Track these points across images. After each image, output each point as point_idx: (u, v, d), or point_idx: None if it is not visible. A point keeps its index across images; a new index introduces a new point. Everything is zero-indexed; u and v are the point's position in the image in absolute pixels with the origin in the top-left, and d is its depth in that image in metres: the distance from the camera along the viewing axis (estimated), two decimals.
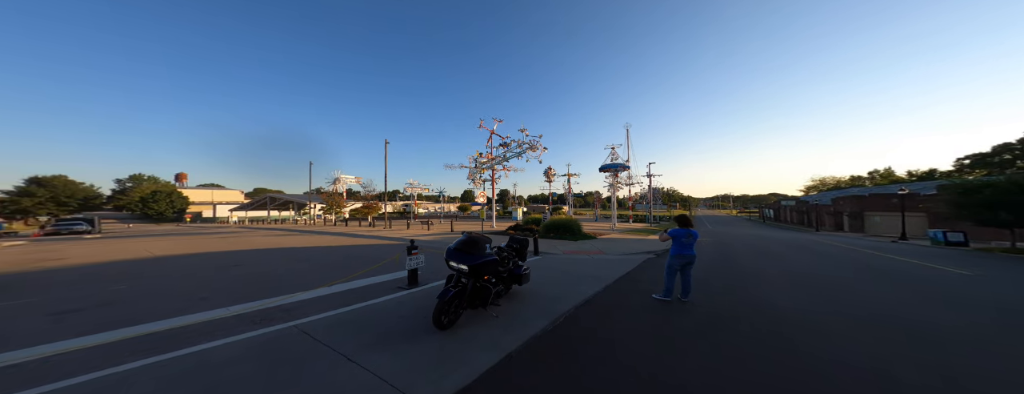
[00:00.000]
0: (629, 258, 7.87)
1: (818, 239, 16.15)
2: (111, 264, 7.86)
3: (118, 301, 4.47)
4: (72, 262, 8.26)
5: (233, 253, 9.49)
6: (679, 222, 4.30)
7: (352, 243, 11.96)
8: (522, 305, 3.95)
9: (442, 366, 2.46)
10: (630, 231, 16.90)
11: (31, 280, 6.06)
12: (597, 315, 3.73)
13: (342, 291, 4.81)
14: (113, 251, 10.53)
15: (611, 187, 21.29)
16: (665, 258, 7.82)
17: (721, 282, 5.46)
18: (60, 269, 7.25)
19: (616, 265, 6.84)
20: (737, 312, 3.87)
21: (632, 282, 5.36)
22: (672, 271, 4.21)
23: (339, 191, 29.84)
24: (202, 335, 3.16)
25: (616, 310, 3.92)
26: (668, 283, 4.22)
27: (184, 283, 5.53)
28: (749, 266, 7.15)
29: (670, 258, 4.22)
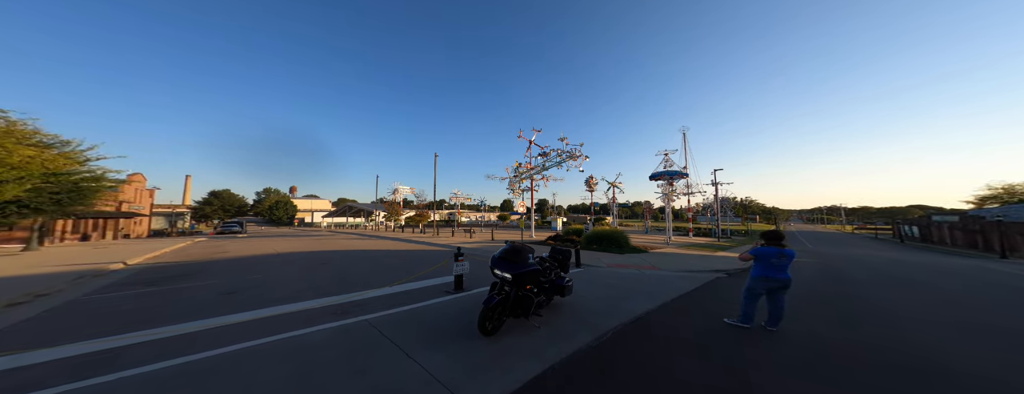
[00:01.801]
0: (690, 276, 7.16)
1: (1015, 271, 9.96)
2: (253, 257, 10.20)
3: (256, 287, 5.80)
4: (231, 255, 10.92)
5: (323, 253, 11.29)
6: (768, 238, 3.72)
7: (407, 248, 13.16)
8: (564, 317, 3.94)
9: (487, 371, 2.62)
10: (690, 246, 15.08)
11: (210, 267, 8.25)
12: (650, 335, 3.53)
13: (401, 291, 5.38)
14: (254, 247, 13.64)
15: (665, 197, 19.39)
16: (739, 279, 6.97)
17: (827, 313, 4.48)
18: (224, 260, 9.70)
19: (673, 283, 6.32)
20: (854, 352, 3.09)
21: (694, 302, 4.90)
22: (753, 295, 3.66)
23: (397, 200, 33.49)
24: (303, 322, 3.86)
25: (674, 331, 3.65)
26: (747, 307, 3.68)
27: (294, 276, 6.85)
28: (878, 297, 5.43)
29: (752, 280, 3.66)
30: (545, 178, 19.56)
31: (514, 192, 20.58)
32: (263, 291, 5.42)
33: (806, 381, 2.57)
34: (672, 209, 20.01)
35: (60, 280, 6.41)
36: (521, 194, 20.65)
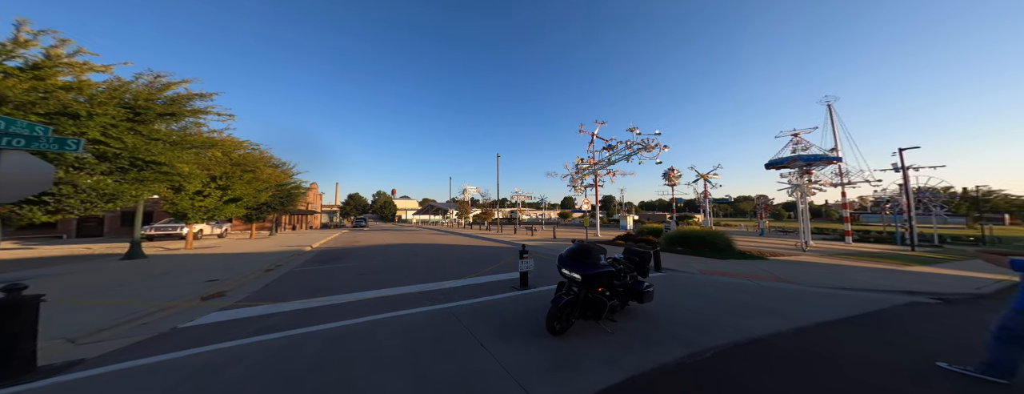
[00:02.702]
0: (854, 295, 5.22)
1: None
2: (374, 247, 13.06)
3: (377, 271, 7.25)
4: (362, 244, 14.26)
5: (415, 245, 13.45)
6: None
7: (476, 244, 14.34)
8: (645, 325, 3.50)
9: (559, 371, 2.52)
10: (849, 255, 10.73)
11: (351, 253, 10.90)
12: (782, 364, 2.71)
13: (475, 284, 5.83)
14: (373, 239, 17.45)
15: (795, 190, 14.48)
16: (979, 310, 4.55)
17: None
18: (358, 248, 12.72)
19: (819, 301, 4.80)
20: None
21: (870, 333, 3.51)
22: (1015, 338, 2.32)
23: (467, 200, 36.75)
24: (408, 303, 4.57)
25: (827, 365, 2.69)
26: (1001, 354, 2.37)
27: (399, 264, 8.33)
28: None
29: (1014, 314, 2.35)
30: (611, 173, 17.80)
31: (576, 189, 19.51)
32: (381, 275, 6.77)
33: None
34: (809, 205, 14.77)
35: (285, 256, 9.85)
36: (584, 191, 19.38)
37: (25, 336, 2.53)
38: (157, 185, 8.10)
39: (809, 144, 15.36)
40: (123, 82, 6.86)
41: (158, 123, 7.34)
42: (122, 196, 7.24)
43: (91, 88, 6.44)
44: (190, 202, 11.01)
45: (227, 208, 12.28)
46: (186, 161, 8.12)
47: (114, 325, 3.58)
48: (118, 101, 6.58)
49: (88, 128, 6.04)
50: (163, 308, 4.25)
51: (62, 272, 6.87)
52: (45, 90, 5.79)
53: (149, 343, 3.19)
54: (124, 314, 3.85)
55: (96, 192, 6.78)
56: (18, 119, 3.51)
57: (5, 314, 2.46)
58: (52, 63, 6.03)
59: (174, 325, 3.69)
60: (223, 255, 9.84)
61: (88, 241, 15.77)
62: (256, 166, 13.51)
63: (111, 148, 6.42)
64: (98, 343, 3.17)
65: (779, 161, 14.70)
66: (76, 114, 5.90)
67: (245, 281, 6.27)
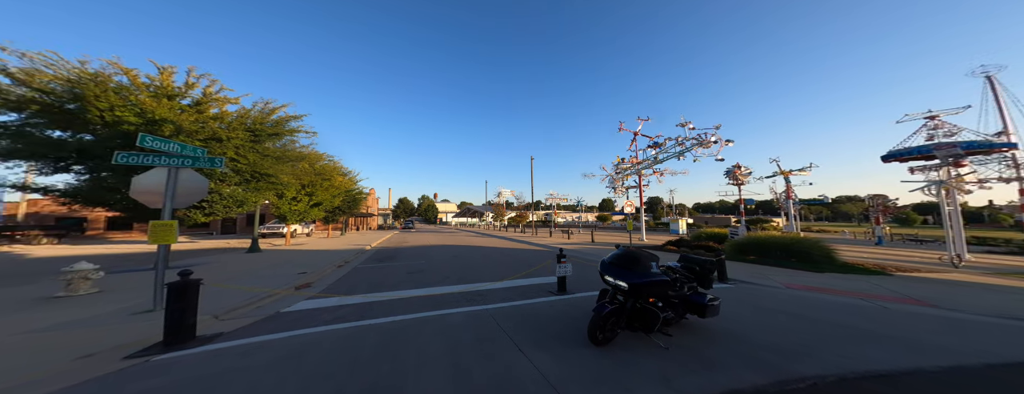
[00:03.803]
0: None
1: None
2: (420, 247, 14.12)
3: (423, 270, 7.79)
4: (410, 244, 15.46)
5: (454, 247, 14.14)
6: None
7: (511, 246, 14.36)
8: (708, 343, 3.02)
9: (603, 385, 2.31)
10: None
11: (401, 253, 11.89)
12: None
13: (511, 287, 5.78)
14: (420, 240, 18.88)
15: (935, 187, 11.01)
16: None
17: None
18: (407, 248, 13.88)
19: (989, 334, 3.59)
20: None
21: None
22: None
23: (502, 203, 37.25)
24: (449, 303, 4.74)
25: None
26: None
27: (441, 264, 8.81)
28: None
29: None
30: (658, 173, 16.02)
31: (616, 190, 18.02)
32: (426, 275, 7.20)
33: None
34: (963, 207, 11.05)
35: (352, 254, 11.33)
36: (626, 192, 17.75)
37: (190, 311, 3.28)
38: (268, 192, 10.19)
39: (956, 128, 11.57)
40: (246, 110, 8.71)
41: (268, 142, 9.21)
42: (247, 202, 9.26)
43: (228, 117, 8.43)
44: (288, 206, 13.59)
45: (312, 211, 14.84)
46: (286, 173, 10.00)
47: (241, 306, 4.50)
48: (244, 126, 8.40)
49: (227, 149, 7.87)
50: (271, 294, 5.19)
51: (211, 261, 8.96)
52: (203, 121, 7.75)
53: (262, 324, 3.87)
54: (247, 298, 4.81)
55: (232, 199, 8.79)
56: (188, 144, 4.83)
57: (180, 293, 3.20)
58: (208, 99, 8.07)
59: (278, 310, 4.43)
60: (310, 251, 11.76)
61: (227, 237, 20.57)
62: (331, 175, 16.03)
63: (240, 164, 8.22)
64: (232, 320, 3.99)
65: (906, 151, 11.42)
66: (220, 138, 7.72)
67: (324, 274, 7.35)
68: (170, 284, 3.18)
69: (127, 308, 4.21)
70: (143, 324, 3.63)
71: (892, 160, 11.66)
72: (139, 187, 4.36)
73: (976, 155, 11.02)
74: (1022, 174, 12.81)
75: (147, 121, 6.72)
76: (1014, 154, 12.24)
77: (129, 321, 3.75)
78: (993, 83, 13.30)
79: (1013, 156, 12.35)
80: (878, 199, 21.04)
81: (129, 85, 7.01)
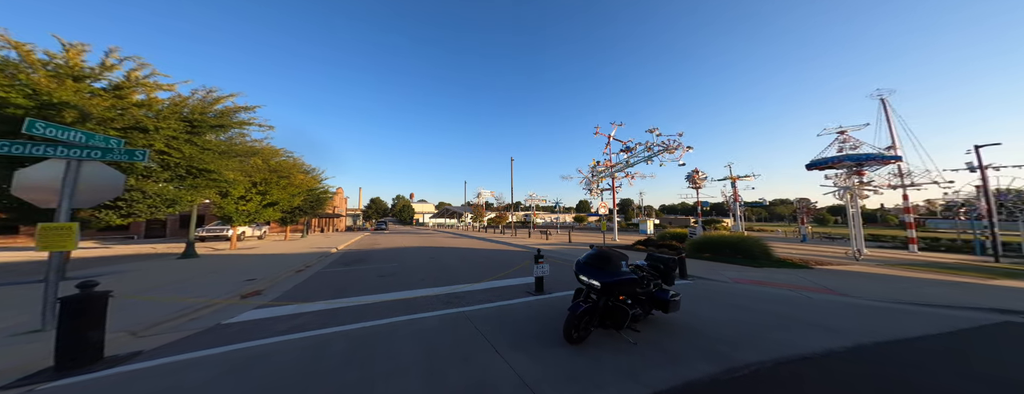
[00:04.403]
0: (924, 312, 4.58)
1: None
2: (393, 249, 13.49)
3: (396, 273, 7.49)
4: (382, 246, 14.81)
5: (431, 249, 13.73)
6: None
7: (490, 247, 14.34)
8: (670, 337, 3.28)
9: (576, 383, 2.41)
10: (913, 266, 9.46)
11: (372, 255, 11.30)
12: (844, 387, 2.40)
13: (490, 288, 5.78)
14: (392, 241, 18.14)
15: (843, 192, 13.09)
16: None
17: None
18: (378, 250, 13.26)
19: (882, 317, 4.27)
20: None
21: (946, 355, 3.05)
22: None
23: (481, 204, 37.01)
24: (424, 306, 4.63)
25: (897, 390, 2.40)
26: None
27: (416, 267, 8.43)
28: None
29: None
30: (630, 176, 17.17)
31: (592, 192, 18.99)
32: (399, 278, 6.93)
33: None
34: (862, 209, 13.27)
35: (314, 257, 10.50)
36: (600, 194, 18.78)
37: (94, 328, 2.82)
38: (208, 191, 8.97)
39: (859, 142, 13.89)
40: (183, 98, 7.68)
41: (209, 134, 8.15)
42: (180, 201, 8.09)
43: (158, 104, 7.33)
44: (235, 206, 12.09)
45: (266, 212, 13.36)
46: (232, 169, 8.91)
47: (168, 319, 3.94)
48: (178, 115, 7.39)
49: (155, 140, 6.82)
50: (209, 305, 4.62)
51: (130, 269, 7.73)
52: (122, 107, 6.65)
53: (196, 338, 3.45)
54: (177, 310, 4.23)
55: (160, 197, 7.63)
56: (98, 133, 4.07)
57: (78, 308, 2.75)
58: (131, 84, 6.94)
59: (218, 321, 3.97)
60: (261, 256, 10.62)
61: (154, 242, 17.80)
62: (290, 172, 14.60)
63: (172, 158, 7.19)
64: (155, 336, 3.48)
65: (823, 161, 13.41)
66: (145, 128, 6.69)
67: (278, 280, 6.70)
68: (64, 298, 2.72)
69: (7, 329, 3.50)
70: (30, 347, 3.04)
71: (813, 168, 13.63)
72: (25, 182, 3.61)
73: (872, 165, 13.36)
74: (904, 182, 15.95)
75: (42, 105, 5.60)
76: (899, 165, 15.16)
77: (9, 344, 3.12)
78: (885, 104, 16.28)
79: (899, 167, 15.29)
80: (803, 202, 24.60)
81: (19, 61, 5.77)
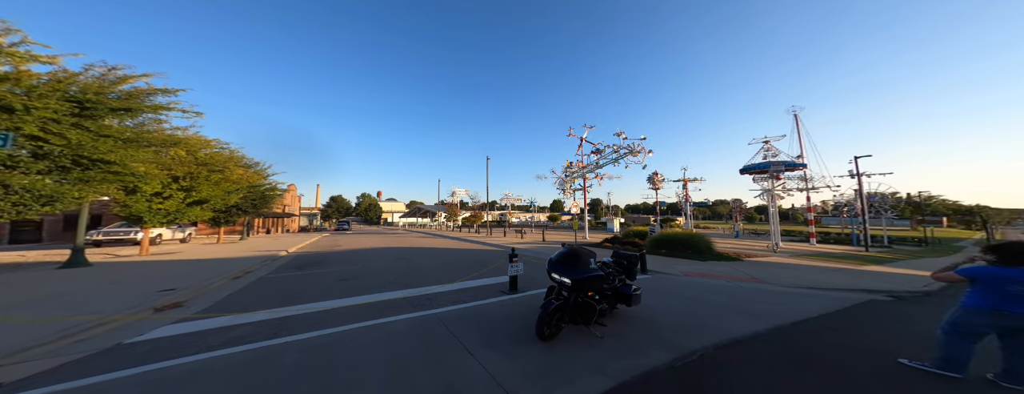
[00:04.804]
0: (820, 295, 5.49)
1: None
2: (356, 251, 12.32)
3: (359, 276, 6.93)
4: (343, 248, 13.42)
5: (400, 249, 12.94)
6: (1004, 254, 2.51)
7: (465, 247, 14.05)
8: (632, 329, 3.49)
9: (547, 378, 2.45)
10: (813, 256, 11.49)
11: (331, 257, 10.30)
12: (761, 365, 2.75)
13: (462, 288, 5.65)
14: (356, 242, 16.58)
15: (766, 194, 15.44)
16: (921, 306, 4.98)
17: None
18: (339, 252, 11.94)
19: (791, 301, 5.00)
20: None
21: (836, 331, 3.68)
22: (964, 333, 2.53)
23: (455, 203, 36.14)
24: (391, 310, 4.34)
25: (801, 364, 2.81)
26: (950, 349, 2.55)
27: (382, 269, 7.90)
28: None
29: (965, 312, 2.54)
30: (599, 177, 18.20)
31: (565, 192, 19.75)
32: (363, 280, 6.42)
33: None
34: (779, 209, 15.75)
35: (256, 262, 9.13)
36: (573, 194, 19.64)
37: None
38: (106, 186, 7.34)
39: (778, 151, 16.36)
40: (70, 74, 6.22)
41: (110, 118, 6.69)
42: (62, 198, 6.48)
43: (31, 79, 5.79)
44: (147, 204, 10.08)
45: (191, 211, 11.37)
46: (142, 160, 7.44)
47: (41, 344, 3.13)
48: (62, 94, 5.95)
49: (24, 123, 5.40)
50: (103, 322, 3.78)
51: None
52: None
53: (84, 362, 2.81)
54: (55, 331, 3.39)
55: (31, 193, 6.04)
56: None
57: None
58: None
59: (119, 340, 3.29)
60: (184, 262, 9.06)
61: (22, 248, 14.07)
62: (225, 166, 12.63)
63: (51, 145, 5.77)
64: (17, 364, 2.75)
65: (752, 167, 15.63)
66: (11, 107, 5.26)
67: (208, 290, 5.75)
68: None
69: None
70: None
71: (745, 173, 15.84)
72: None
73: (786, 171, 15.95)
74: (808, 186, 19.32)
75: None
76: (805, 172, 18.30)
77: None
78: (797, 119, 19.45)
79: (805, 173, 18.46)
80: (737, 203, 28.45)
81: None
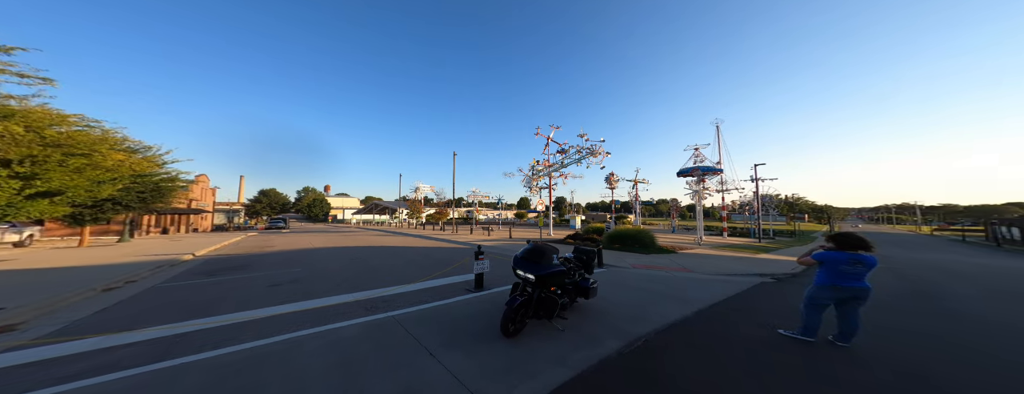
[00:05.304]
0: (729, 280, 6.63)
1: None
2: (295, 252, 10.91)
3: (299, 280, 6.19)
4: (277, 249, 11.75)
5: (353, 249, 11.84)
6: (839, 242, 3.22)
7: (428, 245, 13.45)
8: (589, 321, 3.79)
9: (511, 375, 2.55)
10: (724, 247, 14.00)
11: (260, 260, 8.97)
12: (691, 344, 3.27)
13: (424, 288, 5.47)
14: (295, 242, 14.57)
15: (695, 195, 18.14)
16: (792, 285, 6.38)
17: (912, 327, 3.88)
18: (272, 253, 10.47)
19: (710, 287, 5.89)
20: (943, 372, 2.73)
21: (737, 309, 4.49)
22: (817, 305, 3.26)
23: (419, 199, 34.43)
24: (340, 315, 4.02)
25: (717, 341, 3.34)
26: (809, 319, 3.28)
27: (330, 270, 7.20)
28: (972, 310, 4.66)
29: (816, 288, 3.25)
30: (564, 175, 19.19)
31: (532, 190, 20.40)
32: (305, 285, 5.76)
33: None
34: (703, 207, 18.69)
35: (144, 268, 7.36)
36: (539, 192, 20.41)
37: None
38: None
39: (705, 157, 19.29)
40: None
41: None
42: None
43: None
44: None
45: (32, 205, 8.32)
46: None
47: None
48: None
49: None
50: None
51: None
52: None
53: None
54: None
55: None
56: None
57: None
58: None
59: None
60: (21, 272, 6.87)
61: None
62: (94, 149, 9.68)
63: None
64: None
65: (685, 170, 18.18)
66: None
67: (62, 306, 4.53)
68: None
69: None
70: None
71: (680, 175, 18.33)
72: None
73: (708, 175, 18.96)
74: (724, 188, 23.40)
75: None
76: (722, 177, 22.07)
77: None
78: (718, 130, 23.16)
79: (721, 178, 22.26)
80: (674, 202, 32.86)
81: None
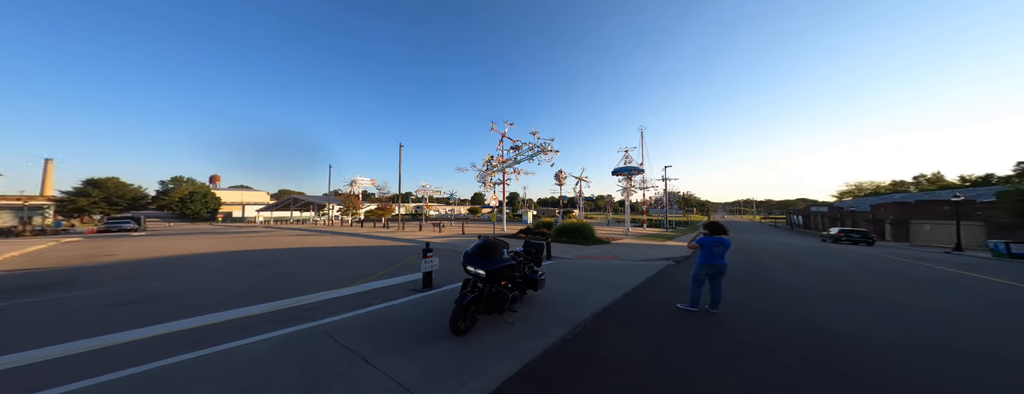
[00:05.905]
0: (647, 265, 7.66)
1: (860, 250, 14.74)
2: (154, 260, 8.44)
3: (164, 295, 4.81)
4: (120, 258, 8.85)
5: (261, 252, 9.95)
6: (710, 229, 4.08)
7: (368, 244, 12.27)
8: (538, 312, 3.90)
9: (461, 373, 2.46)
10: (645, 236, 16.45)
11: (91, 273, 6.66)
12: (618, 325, 3.64)
13: (361, 292, 4.94)
14: (156, 249, 11.16)
15: (624, 191, 20.82)
16: (686, 265, 7.69)
17: (751, 294, 5.13)
18: (112, 264, 7.89)
19: (633, 272, 6.67)
20: (771, 325, 3.67)
21: (652, 291, 5.18)
22: (699, 280, 4.06)
23: (356, 193, 30.78)
24: (235, 332, 3.32)
25: (638, 320, 3.81)
26: (694, 292, 4.07)
27: (219, 281, 5.85)
28: (781, 278, 6.53)
29: (697, 267, 4.08)
30: (517, 171, 19.56)
31: (486, 185, 20.28)
32: (175, 300, 4.57)
33: (748, 353, 2.91)
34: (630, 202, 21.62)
35: None
36: (493, 187, 20.42)
37: None
38: None
39: (632, 159, 22.18)
40: None
41: None
42: None
43: None
44: None
45: None
46: None
47: None
48: None
49: None
50: None
51: None
52: None
53: None
54: None
55: None
56: None
57: None
58: None
59: None
60: None
61: None
62: None
63: None
64: None
65: (616, 170, 20.63)
66: None
67: None
68: None
69: None
70: None
71: (615, 174, 20.69)
72: None
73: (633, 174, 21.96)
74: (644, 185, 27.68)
75: None
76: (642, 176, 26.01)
77: None
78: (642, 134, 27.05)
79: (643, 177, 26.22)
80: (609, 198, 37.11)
81: None
